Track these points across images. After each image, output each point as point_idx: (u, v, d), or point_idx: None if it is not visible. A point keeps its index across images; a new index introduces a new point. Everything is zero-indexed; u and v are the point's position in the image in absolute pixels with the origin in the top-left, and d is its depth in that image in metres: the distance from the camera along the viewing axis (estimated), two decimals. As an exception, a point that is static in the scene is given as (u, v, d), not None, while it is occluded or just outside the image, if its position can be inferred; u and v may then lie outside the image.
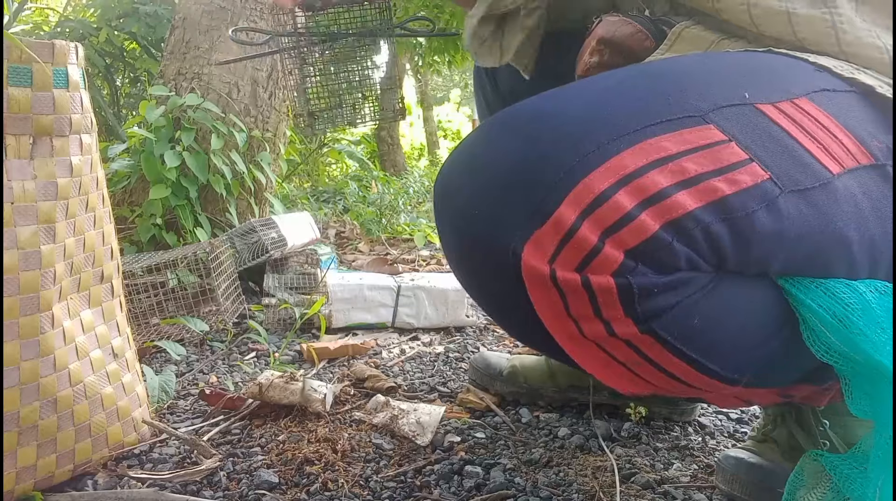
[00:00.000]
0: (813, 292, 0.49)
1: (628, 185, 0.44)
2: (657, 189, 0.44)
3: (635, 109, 0.48)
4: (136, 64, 3.26)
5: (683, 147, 0.46)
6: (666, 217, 0.44)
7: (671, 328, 0.47)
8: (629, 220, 0.44)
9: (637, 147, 0.46)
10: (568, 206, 0.45)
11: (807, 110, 0.51)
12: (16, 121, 0.70)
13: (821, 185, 0.48)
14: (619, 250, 0.44)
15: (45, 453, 0.75)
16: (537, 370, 1.05)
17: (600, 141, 0.46)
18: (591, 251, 0.44)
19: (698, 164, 0.46)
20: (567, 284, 0.45)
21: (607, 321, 0.47)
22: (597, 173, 0.45)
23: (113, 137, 2.70)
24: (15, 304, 0.70)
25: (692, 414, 1.00)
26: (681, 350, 0.48)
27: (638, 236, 0.44)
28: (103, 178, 0.84)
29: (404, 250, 2.70)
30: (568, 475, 0.83)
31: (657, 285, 0.45)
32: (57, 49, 0.73)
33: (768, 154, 0.48)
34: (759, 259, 0.48)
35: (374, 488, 0.80)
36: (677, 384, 0.52)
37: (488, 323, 1.59)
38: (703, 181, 0.45)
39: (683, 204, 0.44)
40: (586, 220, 0.44)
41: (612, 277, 0.45)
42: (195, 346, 1.36)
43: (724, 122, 0.48)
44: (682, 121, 0.47)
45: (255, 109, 2.00)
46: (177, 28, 2.02)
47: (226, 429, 0.96)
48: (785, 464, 0.77)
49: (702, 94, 0.50)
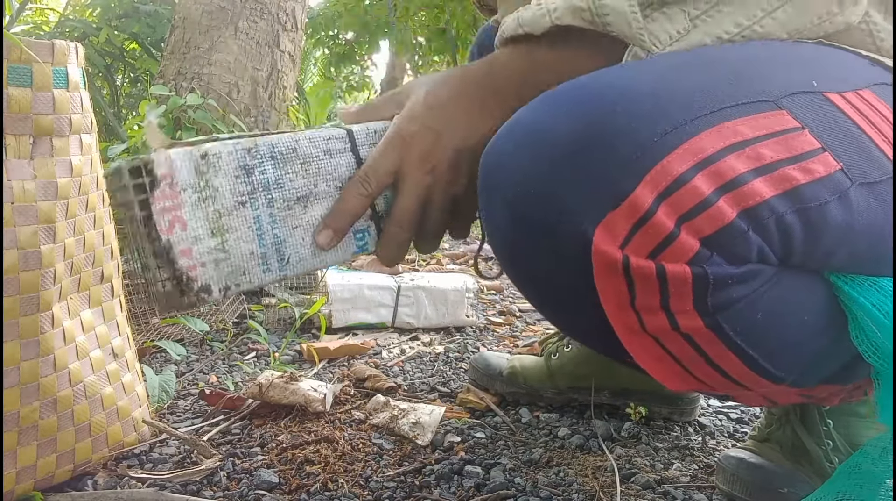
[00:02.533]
0: (866, 289, 0.48)
1: (706, 169, 0.42)
2: (735, 175, 0.42)
3: (709, 89, 0.46)
4: (136, 64, 3.26)
5: (759, 132, 0.44)
6: (742, 205, 0.42)
7: (735, 322, 0.45)
8: (707, 206, 0.42)
9: (714, 129, 0.43)
10: (645, 187, 0.42)
11: (871, 102, 0.50)
12: (16, 121, 0.70)
13: (887, 178, 0.47)
14: (696, 238, 0.42)
15: (45, 453, 0.75)
16: (537, 371, 1.05)
17: (677, 121, 0.43)
18: (667, 238, 0.42)
19: (774, 150, 0.44)
20: (639, 272, 0.42)
21: (673, 313, 0.45)
22: (675, 155, 0.42)
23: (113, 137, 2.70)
24: (15, 304, 0.70)
25: (692, 414, 1.00)
26: (740, 346, 0.46)
27: (715, 223, 0.42)
28: (103, 178, 0.84)
29: (404, 250, 2.69)
30: (568, 475, 0.83)
31: (731, 277, 0.43)
32: (57, 49, 0.73)
33: (839, 144, 0.46)
34: (825, 252, 0.46)
35: (374, 488, 0.80)
36: (725, 381, 0.50)
37: (488, 323, 1.59)
38: (778, 169, 0.43)
39: (760, 192, 0.42)
40: (663, 203, 0.42)
41: (687, 265, 0.42)
42: (195, 346, 1.36)
43: (796, 108, 0.46)
44: (756, 105, 0.45)
45: (256, 109, 2.00)
46: (177, 28, 2.02)
47: (226, 429, 0.96)
48: (786, 464, 0.77)
49: (771, 78, 0.48)
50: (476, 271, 0.75)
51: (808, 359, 0.51)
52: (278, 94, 2.07)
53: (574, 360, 1.02)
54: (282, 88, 2.08)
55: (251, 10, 2.01)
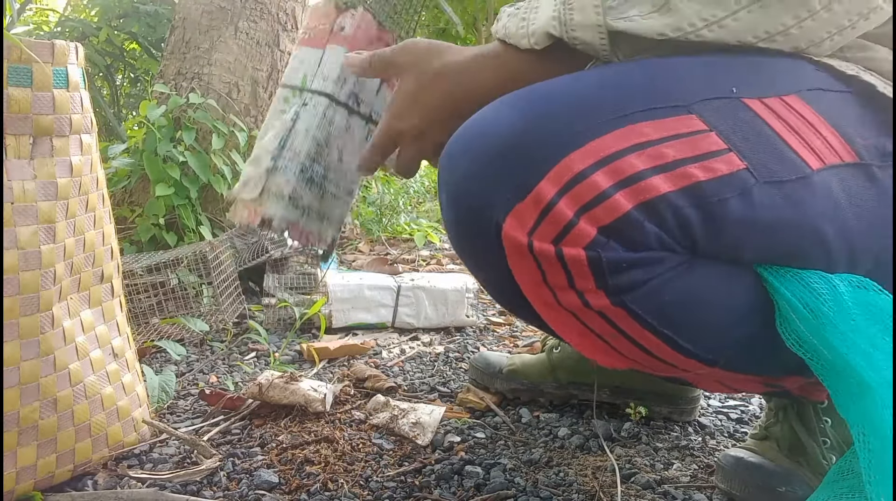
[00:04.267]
0: (787, 280, 0.51)
1: (606, 166, 0.47)
2: (633, 171, 0.47)
3: (624, 96, 0.50)
4: (136, 64, 3.26)
5: (664, 134, 0.48)
6: (639, 198, 0.47)
7: (642, 302, 0.50)
8: (604, 198, 0.47)
9: (619, 131, 0.48)
10: (548, 182, 0.47)
11: (794, 107, 0.52)
12: (16, 121, 0.70)
13: (798, 178, 0.50)
14: (593, 226, 0.47)
15: (45, 453, 0.75)
16: (538, 367, 1.05)
17: (586, 124, 0.48)
18: (567, 226, 0.47)
19: (676, 150, 0.48)
20: (542, 254, 0.48)
21: (581, 291, 0.50)
22: (577, 153, 0.47)
23: (113, 137, 2.70)
24: (15, 304, 0.70)
25: (692, 414, 1.00)
26: (652, 325, 0.51)
27: (611, 213, 0.47)
28: (103, 178, 0.84)
29: (404, 250, 2.70)
30: (568, 475, 0.83)
31: (626, 260, 0.48)
32: (57, 49, 0.73)
33: (748, 145, 0.49)
34: (730, 245, 0.50)
35: (374, 488, 0.80)
36: (654, 360, 0.54)
37: (488, 323, 1.59)
38: (679, 167, 0.47)
39: (657, 187, 0.47)
40: (564, 196, 0.47)
41: (583, 250, 0.48)
42: (195, 346, 1.36)
43: (707, 113, 0.50)
44: (665, 110, 0.49)
45: (256, 109, 2.00)
46: (177, 28, 2.02)
47: (226, 429, 0.96)
48: (785, 463, 0.77)
49: (691, 86, 0.51)
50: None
51: (736, 345, 0.54)
52: (278, 94, 2.07)
53: (575, 354, 1.03)
54: (282, 88, 2.08)
55: (251, 10, 2.01)
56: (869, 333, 0.48)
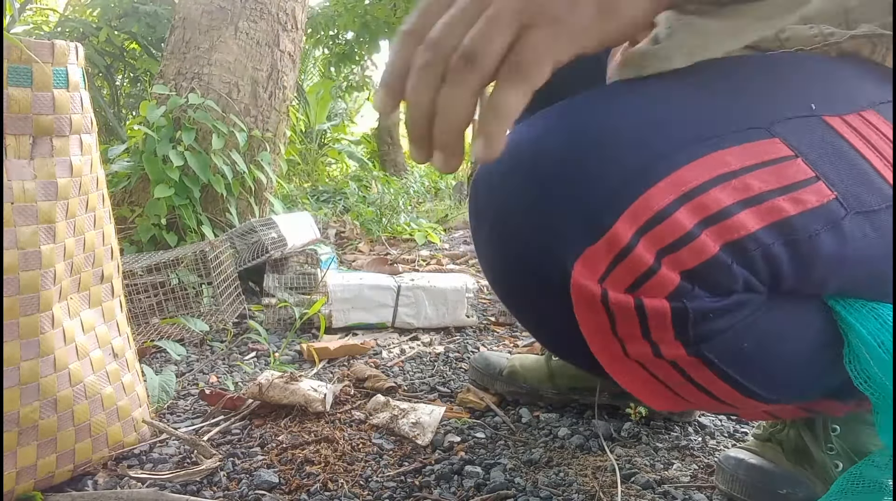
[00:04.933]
0: (864, 316, 0.47)
1: (690, 202, 0.41)
2: (719, 208, 0.41)
3: (697, 115, 0.45)
4: (136, 64, 3.26)
5: (748, 162, 0.43)
6: (726, 238, 0.42)
7: (720, 351, 0.45)
8: (689, 240, 0.41)
9: (700, 161, 0.42)
10: (625, 222, 0.41)
11: (874, 123, 0.48)
12: (16, 121, 0.70)
13: (887, 207, 0.45)
14: (676, 272, 0.42)
15: (45, 453, 0.75)
16: (537, 371, 1.05)
17: (662, 151, 0.43)
18: (647, 272, 0.42)
19: (762, 181, 0.43)
20: (618, 305, 0.43)
21: (655, 343, 0.45)
22: (657, 188, 0.41)
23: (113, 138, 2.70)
24: (15, 304, 0.70)
25: (692, 415, 1.00)
26: (726, 373, 0.46)
27: (697, 257, 0.41)
28: (103, 178, 0.84)
29: (404, 250, 2.70)
30: (568, 475, 0.83)
31: (713, 310, 0.43)
32: (57, 49, 0.73)
33: (835, 172, 0.45)
34: (816, 281, 0.45)
35: (374, 488, 0.80)
36: (716, 402, 0.50)
37: (488, 323, 1.59)
38: (767, 200, 0.42)
39: (745, 224, 0.42)
40: (643, 237, 0.41)
41: (666, 300, 0.42)
42: (195, 346, 1.36)
43: (789, 135, 0.45)
44: (746, 133, 0.44)
45: (256, 108, 2.00)
46: (177, 28, 2.02)
47: (226, 429, 0.96)
48: (786, 465, 0.77)
49: (766, 102, 0.47)
50: None
51: (803, 382, 0.50)
52: (278, 94, 2.07)
53: None
54: (282, 87, 2.08)
55: (251, 10, 2.01)
56: None
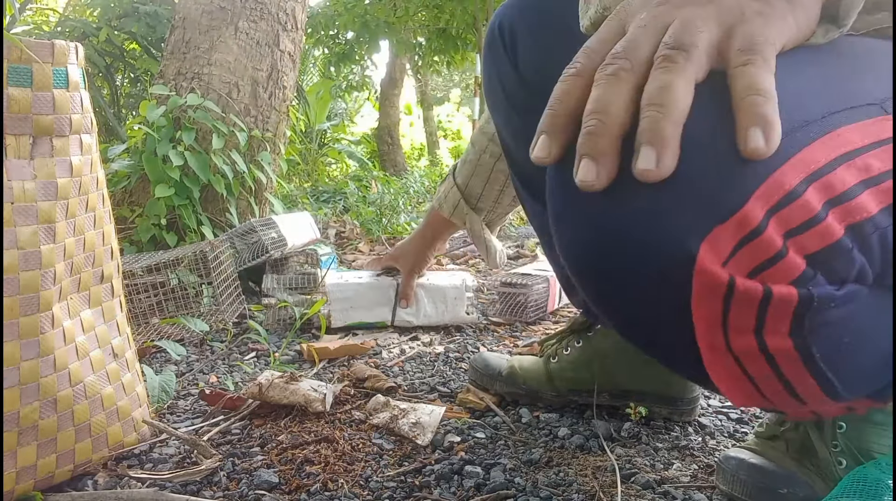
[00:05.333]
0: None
1: (818, 181, 0.39)
2: (845, 188, 0.39)
3: (818, 91, 0.43)
4: (136, 64, 3.26)
5: (868, 140, 0.41)
6: (849, 220, 0.39)
7: (824, 344, 0.42)
8: (817, 222, 0.39)
9: (826, 138, 0.40)
10: (757, 201, 0.38)
11: None
12: (16, 121, 0.70)
13: None
14: (801, 256, 0.39)
15: (45, 453, 0.75)
16: (536, 373, 1.05)
17: (787, 129, 0.39)
18: (775, 256, 0.39)
19: (881, 160, 0.41)
20: (744, 293, 0.39)
21: (763, 334, 0.41)
22: (788, 166, 0.39)
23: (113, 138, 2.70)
24: (15, 304, 0.70)
25: (692, 414, 1.00)
26: (820, 368, 0.43)
27: (822, 240, 0.39)
28: (103, 178, 0.84)
29: (404, 250, 2.69)
30: (568, 475, 0.83)
31: (835, 299, 0.40)
32: (57, 49, 0.73)
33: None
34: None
35: (374, 488, 0.80)
36: (791, 400, 0.46)
37: (488, 323, 1.59)
38: (884, 180, 0.40)
39: (867, 206, 0.39)
40: (773, 218, 0.38)
41: (793, 286, 0.39)
42: (195, 346, 1.36)
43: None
44: (863, 109, 0.42)
45: (256, 108, 2.00)
46: (177, 28, 2.02)
47: (226, 429, 0.96)
48: (788, 465, 0.76)
49: (875, 79, 0.45)
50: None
51: (875, 379, 0.48)
52: (278, 94, 2.07)
53: (573, 364, 1.02)
54: (282, 87, 2.08)
55: (251, 10, 2.01)
56: None
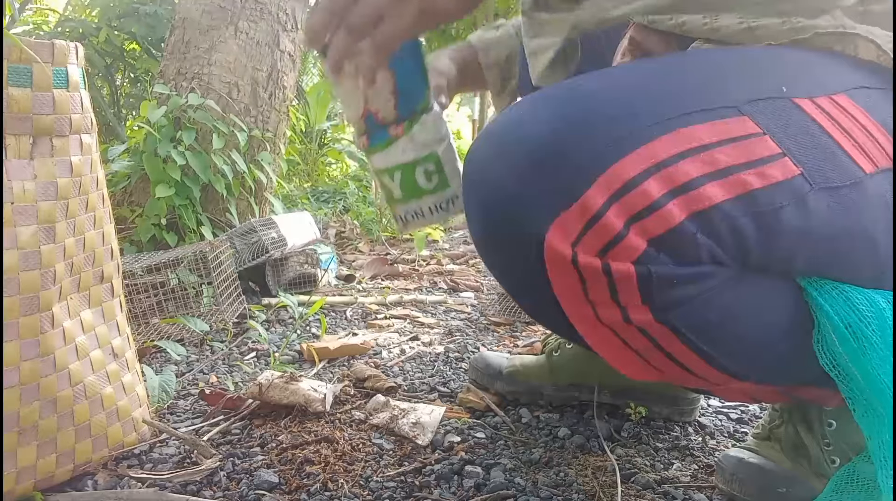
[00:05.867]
0: (832, 297, 0.48)
1: (659, 173, 0.44)
2: (687, 179, 0.44)
3: (671, 95, 0.48)
4: (136, 64, 3.26)
5: (717, 138, 0.46)
6: (693, 208, 0.44)
7: (687, 319, 0.47)
8: (656, 208, 0.44)
9: (671, 135, 0.45)
10: (597, 189, 0.44)
11: (844, 107, 0.50)
12: (16, 121, 0.70)
13: (852, 183, 0.47)
14: (643, 238, 0.44)
15: (45, 453, 0.75)
16: (537, 368, 1.05)
17: (634, 126, 0.46)
18: (616, 237, 0.44)
19: (730, 156, 0.45)
20: (587, 268, 0.45)
21: (624, 307, 0.47)
22: (628, 159, 0.45)
23: (113, 138, 2.70)
24: (15, 304, 0.70)
25: (692, 414, 1.00)
26: (694, 343, 0.48)
27: (663, 224, 0.44)
28: (103, 178, 0.84)
29: (404, 250, 2.70)
30: (568, 475, 0.83)
31: (677, 276, 0.45)
32: (57, 49, 0.73)
33: (801, 149, 0.47)
34: (783, 256, 0.47)
35: (374, 488, 0.80)
36: (687, 374, 0.52)
37: (488, 323, 1.59)
38: (733, 173, 0.45)
39: (711, 196, 0.44)
40: (613, 205, 0.44)
41: (632, 264, 0.45)
42: (195, 346, 1.36)
43: (759, 114, 0.47)
44: (717, 111, 0.47)
45: (255, 108, 2.00)
46: (177, 28, 2.02)
47: (226, 429, 0.96)
48: (785, 464, 0.77)
49: (739, 85, 0.49)
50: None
51: (775, 360, 0.52)
52: (278, 94, 2.07)
53: (575, 357, 1.02)
54: (282, 87, 2.08)
55: (251, 10, 2.01)
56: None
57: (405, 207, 0.71)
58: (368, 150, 0.69)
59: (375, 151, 0.69)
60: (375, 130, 0.68)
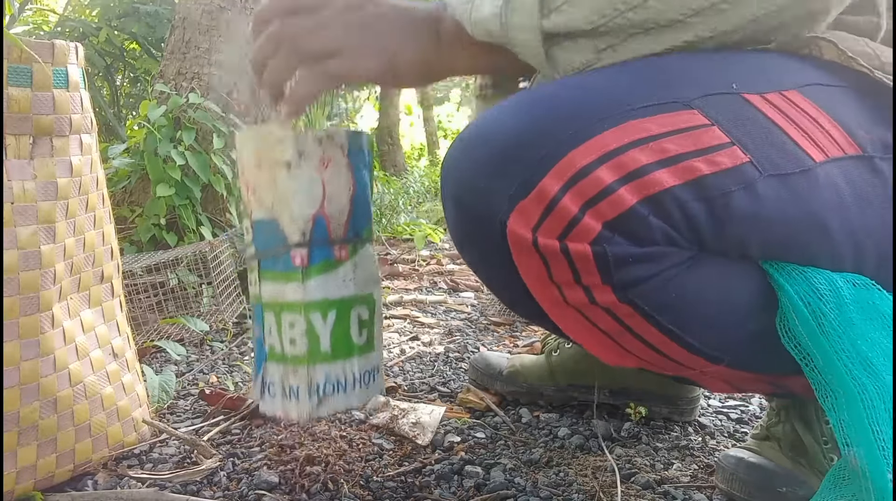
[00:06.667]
0: (792, 278, 0.50)
1: (609, 161, 0.47)
2: (637, 166, 0.47)
3: (624, 93, 0.50)
4: (136, 64, 3.25)
5: (665, 129, 0.48)
6: (644, 192, 0.47)
7: (648, 298, 0.50)
8: (608, 193, 0.46)
9: (620, 127, 0.48)
10: (552, 178, 0.47)
11: (795, 101, 0.52)
12: (16, 121, 0.70)
13: (802, 171, 0.49)
14: (598, 221, 0.47)
15: (45, 453, 0.75)
16: (537, 369, 1.05)
17: (587, 121, 0.48)
18: (572, 221, 0.47)
19: (678, 145, 0.48)
20: (548, 250, 0.48)
21: (587, 287, 0.50)
22: (580, 150, 0.47)
23: (113, 137, 2.70)
24: (15, 304, 0.70)
25: (692, 414, 1.00)
26: (658, 321, 0.51)
27: (616, 208, 0.47)
28: (103, 178, 0.84)
29: (404, 250, 2.70)
30: (568, 475, 0.83)
31: (632, 255, 0.48)
32: (57, 49, 0.73)
33: (750, 139, 0.49)
34: (736, 240, 0.50)
35: (374, 488, 0.80)
36: (660, 357, 0.54)
37: (488, 323, 1.59)
38: (682, 161, 0.47)
39: (661, 181, 0.47)
40: (568, 192, 0.47)
41: (588, 245, 0.47)
42: (195, 346, 1.36)
43: (708, 108, 0.50)
44: (666, 105, 0.49)
45: (256, 108, 2.00)
46: (177, 28, 2.02)
47: (226, 429, 0.96)
48: (785, 463, 0.77)
49: (690, 83, 0.51)
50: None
51: (744, 342, 0.54)
52: (278, 94, 2.07)
53: (574, 357, 1.02)
54: (282, 87, 2.08)
55: (251, 10, 2.01)
56: (868, 336, 0.48)
57: (328, 368, 0.54)
58: (304, 272, 0.53)
59: (312, 275, 0.53)
60: (320, 245, 0.54)
